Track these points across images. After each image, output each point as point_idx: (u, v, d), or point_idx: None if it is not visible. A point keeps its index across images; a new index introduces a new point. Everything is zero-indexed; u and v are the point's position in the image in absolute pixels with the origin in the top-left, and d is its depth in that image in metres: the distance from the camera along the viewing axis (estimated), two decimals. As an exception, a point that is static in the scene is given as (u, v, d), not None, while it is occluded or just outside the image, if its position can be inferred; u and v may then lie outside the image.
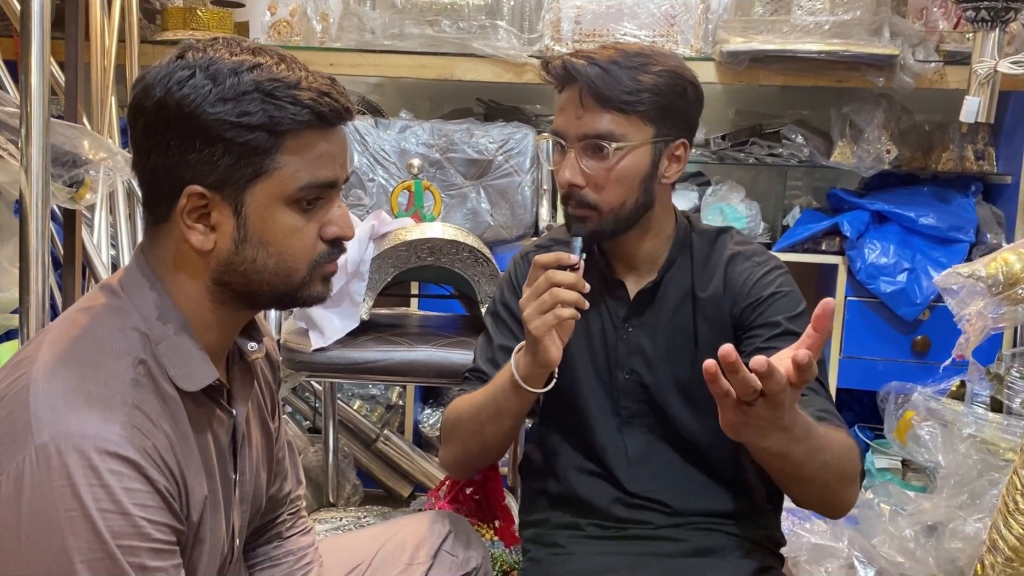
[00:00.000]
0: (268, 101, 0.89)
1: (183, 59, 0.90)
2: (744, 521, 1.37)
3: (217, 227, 0.92)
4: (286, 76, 0.90)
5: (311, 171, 0.92)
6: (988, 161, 2.62)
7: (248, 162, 0.90)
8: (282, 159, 0.91)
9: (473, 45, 2.53)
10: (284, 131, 0.90)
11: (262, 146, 0.89)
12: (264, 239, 0.93)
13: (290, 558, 1.23)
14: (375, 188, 2.31)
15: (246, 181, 0.90)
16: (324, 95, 0.91)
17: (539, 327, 1.20)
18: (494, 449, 1.39)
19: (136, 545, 0.84)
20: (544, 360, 1.22)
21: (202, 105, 0.88)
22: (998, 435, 1.92)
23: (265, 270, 0.94)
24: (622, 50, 1.27)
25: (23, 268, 1.41)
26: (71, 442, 0.83)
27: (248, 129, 0.89)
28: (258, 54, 0.91)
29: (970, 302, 1.19)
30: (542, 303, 1.20)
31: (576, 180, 1.27)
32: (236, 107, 0.88)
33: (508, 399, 1.28)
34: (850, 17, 2.44)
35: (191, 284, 0.95)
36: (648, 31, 2.54)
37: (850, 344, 2.54)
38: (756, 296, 1.31)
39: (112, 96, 2.20)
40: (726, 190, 2.66)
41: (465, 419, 1.35)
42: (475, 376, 1.41)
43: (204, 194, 0.90)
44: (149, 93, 0.90)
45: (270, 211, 0.92)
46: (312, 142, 0.92)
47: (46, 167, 1.41)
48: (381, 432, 2.55)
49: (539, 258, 1.23)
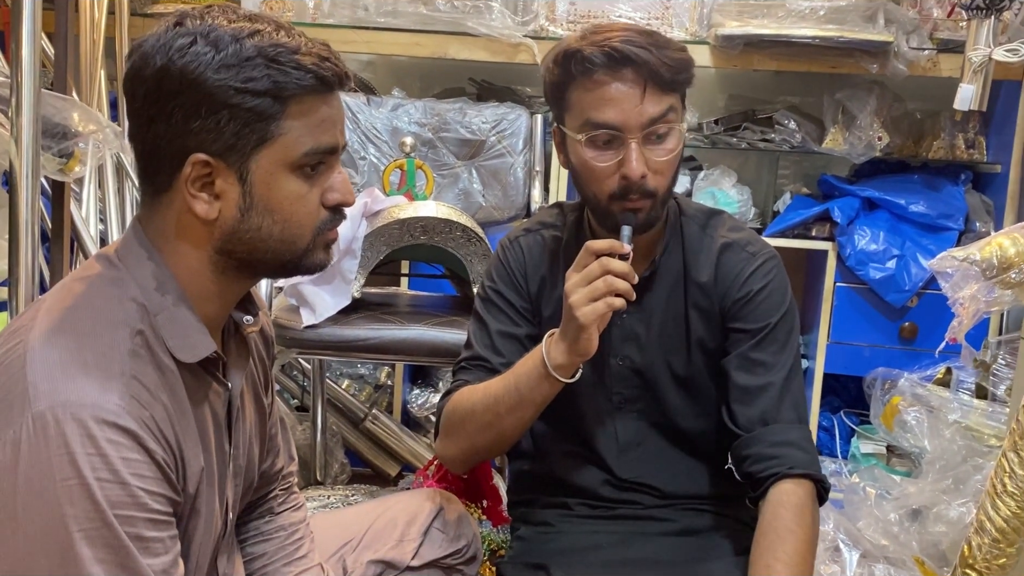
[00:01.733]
0: (272, 66, 0.88)
1: (181, 26, 0.89)
2: (733, 503, 1.37)
3: (222, 195, 0.92)
4: (287, 42, 0.90)
5: (314, 136, 0.92)
6: (978, 150, 2.64)
7: (253, 129, 0.89)
8: (287, 124, 0.90)
9: (467, 24, 2.51)
10: (289, 96, 0.90)
11: (267, 112, 0.89)
12: (270, 206, 0.93)
13: (281, 533, 1.23)
14: (367, 166, 2.30)
15: (251, 148, 0.90)
16: (324, 59, 0.91)
17: (588, 315, 1.16)
18: (508, 441, 1.34)
19: (133, 515, 0.84)
20: (584, 349, 1.19)
21: (206, 72, 0.87)
22: (983, 421, 1.95)
23: (270, 237, 0.94)
24: (642, 30, 1.23)
25: (13, 240, 1.40)
26: (69, 410, 0.82)
27: (254, 95, 0.88)
28: (255, 20, 0.91)
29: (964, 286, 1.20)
30: (594, 290, 1.16)
31: (646, 171, 1.22)
32: (240, 73, 0.88)
33: (533, 389, 1.24)
34: (845, 3, 2.44)
35: (193, 254, 0.94)
36: (643, 13, 2.54)
37: (838, 330, 2.56)
38: (747, 290, 1.31)
39: (101, 69, 2.18)
40: (718, 175, 2.67)
41: (479, 411, 1.29)
42: (476, 365, 1.36)
43: (209, 162, 0.90)
44: (148, 62, 0.89)
45: (275, 177, 0.92)
46: (315, 107, 0.92)
47: (37, 138, 1.39)
48: (369, 411, 2.55)
49: (592, 244, 1.19)
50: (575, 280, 1.19)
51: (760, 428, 1.25)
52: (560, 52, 1.25)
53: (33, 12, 1.36)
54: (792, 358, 1.29)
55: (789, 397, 1.27)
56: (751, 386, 1.27)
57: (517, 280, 1.38)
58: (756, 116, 2.68)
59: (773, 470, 1.22)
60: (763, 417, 1.26)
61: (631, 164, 1.21)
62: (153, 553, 0.85)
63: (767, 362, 1.28)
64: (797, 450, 1.24)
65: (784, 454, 1.23)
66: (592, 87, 1.21)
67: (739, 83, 2.85)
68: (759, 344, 1.28)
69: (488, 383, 1.30)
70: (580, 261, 1.20)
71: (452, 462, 1.40)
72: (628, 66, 1.20)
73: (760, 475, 1.23)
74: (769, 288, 1.31)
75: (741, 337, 1.30)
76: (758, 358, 1.28)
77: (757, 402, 1.26)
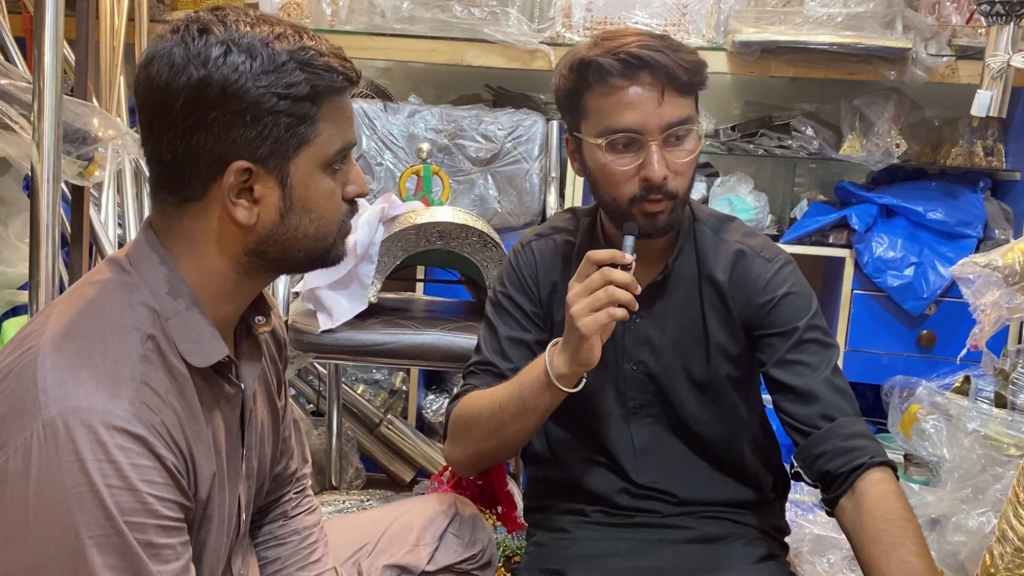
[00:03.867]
0: (306, 70, 0.90)
1: (209, 34, 0.89)
2: (750, 510, 1.37)
3: (261, 200, 0.92)
4: (311, 44, 0.92)
5: (343, 134, 0.95)
6: (997, 157, 2.62)
7: (294, 133, 0.91)
8: (321, 125, 0.93)
9: (484, 31, 2.52)
10: (323, 97, 0.92)
11: (307, 114, 0.91)
12: (307, 205, 0.94)
13: (295, 537, 1.23)
14: (383, 172, 2.31)
15: (292, 151, 0.92)
16: (343, 59, 0.94)
17: (589, 325, 1.16)
18: (512, 448, 1.35)
19: (144, 522, 0.84)
20: (586, 360, 1.19)
21: (248, 81, 0.88)
22: (1002, 430, 1.93)
23: (306, 236, 0.96)
24: (655, 35, 1.24)
25: (33, 243, 1.41)
26: (79, 417, 0.82)
27: (294, 99, 0.90)
28: (272, 23, 0.92)
29: (985, 292, 1.19)
30: (595, 300, 1.16)
31: (667, 173, 1.23)
32: (280, 79, 0.89)
33: (536, 397, 1.24)
34: (863, 10, 2.43)
35: (218, 259, 0.95)
36: (660, 19, 2.54)
37: (855, 337, 2.54)
38: (770, 296, 1.30)
39: (120, 75, 2.19)
40: (734, 181, 2.66)
41: (484, 416, 1.29)
42: (484, 370, 1.37)
43: (250, 168, 0.91)
44: (183, 73, 0.88)
45: (312, 178, 0.94)
46: (341, 105, 0.95)
47: (58, 142, 1.41)
48: (384, 416, 2.56)
49: (593, 254, 1.19)
50: (577, 290, 1.19)
51: (826, 425, 1.24)
52: (575, 60, 1.25)
53: (56, 19, 1.38)
54: (833, 354, 1.29)
55: (841, 392, 1.27)
56: (803, 387, 1.26)
57: (528, 285, 1.38)
58: (773, 123, 2.67)
59: (857, 461, 1.20)
60: (825, 414, 1.24)
61: (652, 166, 1.22)
62: (164, 560, 0.85)
63: (811, 362, 1.27)
64: (870, 440, 1.23)
65: (862, 445, 1.21)
66: (609, 92, 1.22)
67: (756, 89, 2.84)
68: (798, 346, 1.28)
69: (494, 389, 1.30)
70: (582, 271, 1.20)
71: (459, 466, 1.40)
72: (645, 70, 1.21)
73: (841, 470, 1.20)
74: (792, 290, 1.31)
75: (775, 342, 1.29)
76: (802, 359, 1.27)
77: (814, 401, 1.25)
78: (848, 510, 1.20)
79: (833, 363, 1.28)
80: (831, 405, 1.25)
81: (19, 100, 1.54)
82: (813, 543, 1.94)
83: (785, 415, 1.28)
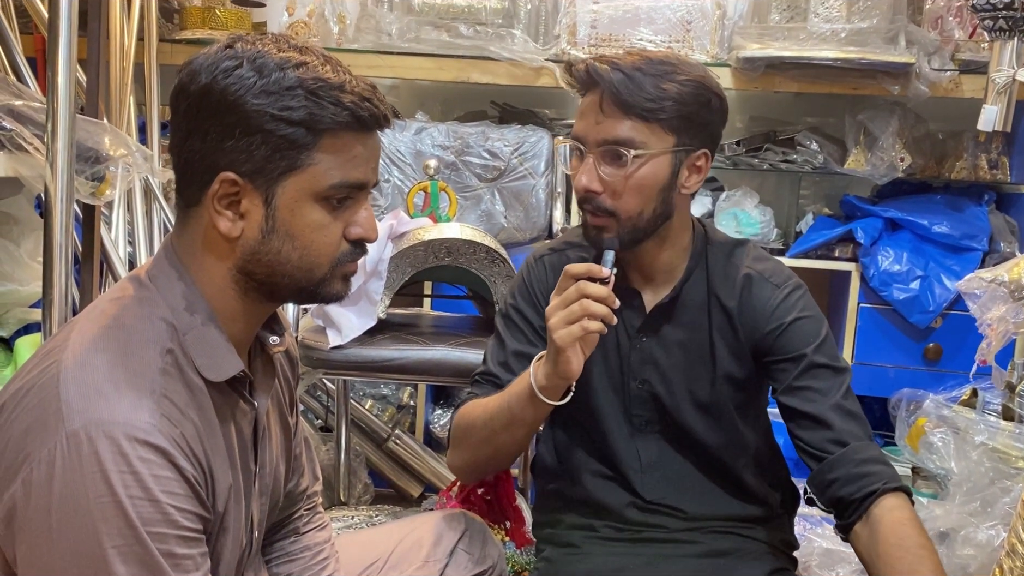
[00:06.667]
0: (311, 99, 0.90)
1: (231, 49, 0.92)
2: (758, 525, 1.37)
3: (246, 215, 0.94)
4: (331, 77, 0.92)
5: (344, 171, 0.94)
6: (1002, 170, 2.63)
7: (284, 155, 0.91)
8: (317, 156, 0.92)
9: (489, 48, 2.54)
10: (323, 130, 0.92)
11: (299, 141, 0.91)
12: (291, 231, 0.94)
13: (307, 553, 1.24)
14: (391, 189, 2.32)
15: (279, 173, 0.92)
16: (365, 100, 0.93)
17: (564, 338, 1.18)
18: (506, 457, 1.38)
19: (165, 532, 0.85)
20: (565, 372, 1.20)
21: (245, 96, 0.89)
22: (1010, 443, 1.92)
23: (288, 262, 0.95)
24: (647, 57, 1.25)
25: (47, 262, 1.42)
26: (102, 429, 0.84)
27: (288, 123, 0.90)
28: (305, 53, 0.93)
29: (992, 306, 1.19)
30: (570, 313, 1.18)
31: (593, 186, 1.25)
32: (279, 101, 0.90)
33: (523, 408, 1.26)
34: (866, 25, 2.44)
35: (217, 270, 0.96)
36: (664, 36, 2.55)
37: (862, 351, 2.55)
38: (778, 322, 1.30)
39: (131, 94, 2.21)
40: (740, 196, 2.67)
41: (477, 425, 1.33)
42: (486, 380, 1.39)
43: (237, 181, 0.92)
44: (195, 78, 0.91)
45: (299, 204, 0.94)
46: (348, 143, 0.94)
47: (71, 162, 1.42)
48: (392, 432, 2.56)
49: (570, 268, 1.21)
50: (554, 304, 1.21)
51: (838, 450, 1.24)
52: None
53: (69, 40, 1.40)
54: (844, 378, 1.29)
55: (852, 417, 1.27)
56: (814, 413, 1.26)
57: (537, 299, 1.39)
58: (778, 137, 2.68)
59: (871, 487, 1.20)
60: (837, 439, 1.24)
61: (579, 175, 1.26)
62: (184, 570, 0.87)
63: (821, 388, 1.27)
64: (884, 466, 1.23)
65: (875, 471, 1.21)
66: (580, 101, 1.29)
67: (760, 105, 2.86)
68: (807, 371, 1.28)
69: (488, 399, 1.33)
70: (560, 284, 1.22)
71: (459, 472, 1.43)
72: (593, 84, 1.25)
73: (855, 496, 1.21)
74: (800, 316, 1.30)
75: (786, 367, 1.29)
76: (811, 385, 1.27)
77: (825, 427, 1.25)
78: (863, 537, 1.20)
79: (844, 387, 1.28)
80: (842, 430, 1.24)
81: (32, 120, 1.56)
82: (822, 557, 1.93)
83: (797, 440, 1.28)
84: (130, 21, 2.21)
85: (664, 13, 2.55)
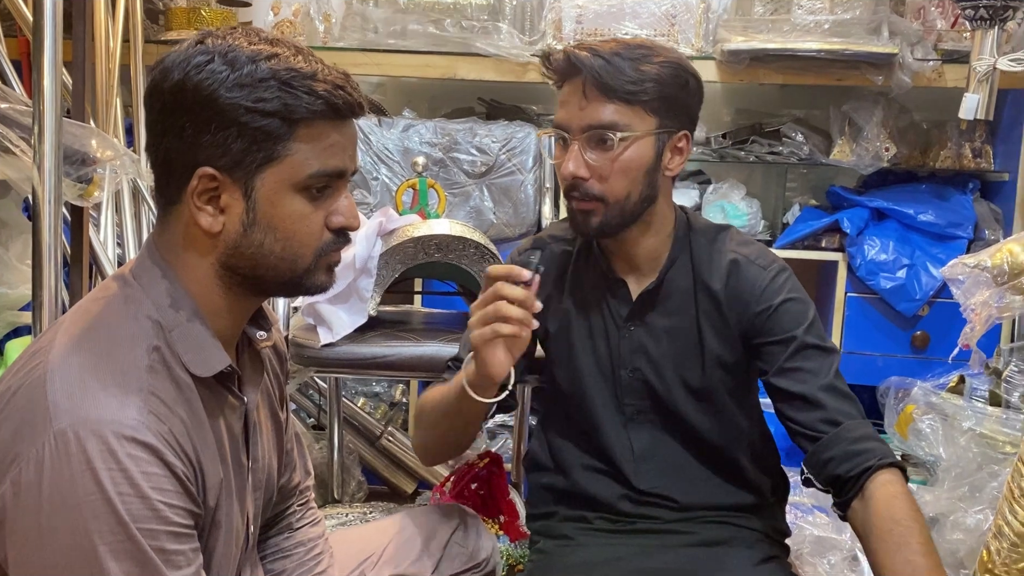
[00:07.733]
0: (284, 89, 0.91)
1: (202, 44, 0.92)
2: (750, 514, 1.38)
3: (226, 209, 0.94)
4: (303, 67, 0.92)
5: (321, 160, 0.94)
6: (985, 159, 2.65)
7: (260, 147, 0.91)
8: (294, 146, 0.92)
9: (476, 44, 2.54)
10: (298, 119, 0.92)
11: (275, 132, 0.91)
12: (272, 223, 0.94)
13: (300, 549, 1.25)
14: (379, 187, 2.33)
15: (257, 165, 0.92)
16: (339, 88, 0.93)
17: (476, 339, 1.20)
18: (452, 445, 1.39)
19: (155, 528, 0.86)
20: (485, 372, 1.21)
21: (219, 90, 0.89)
22: (997, 428, 1.95)
23: (271, 255, 0.95)
24: (623, 42, 1.27)
25: (36, 264, 1.42)
26: (89, 427, 0.84)
27: (263, 115, 0.90)
28: (276, 44, 0.93)
29: (975, 292, 1.21)
30: (485, 314, 1.19)
31: (580, 172, 1.26)
32: (252, 93, 0.90)
33: (460, 401, 1.27)
34: (849, 16, 2.46)
35: (200, 266, 0.96)
36: (649, 30, 2.56)
37: (850, 340, 2.57)
38: (767, 303, 1.31)
39: (117, 97, 2.21)
40: (727, 188, 2.68)
41: (428, 409, 1.36)
42: (456, 366, 1.40)
43: (215, 176, 0.92)
44: (167, 76, 0.91)
45: (279, 196, 0.94)
46: (324, 132, 0.94)
47: (58, 164, 1.42)
48: (385, 429, 2.57)
49: (492, 269, 1.22)
50: (475, 303, 1.22)
51: (832, 430, 1.25)
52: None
53: (54, 43, 1.39)
54: (834, 359, 1.30)
55: (844, 396, 1.28)
56: (806, 394, 1.27)
57: None
58: (763, 129, 2.69)
59: (865, 464, 1.21)
60: (829, 419, 1.26)
61: (566, 162, 1.27)
62: (176, 566, 0.87)
63: (812, 368, 1.28)
64: (877, 442, 1.24)
65: (869, 448, 1.23)
66: (559, 90, 1.30)
67: (746, 97, 2.87)
68: (798, 353, 1.29)
69: (443, 387, 1.34)
70: (484, 284, 1.23)
71: (417, 452, 1.46)
72: (574, 71, 1.26)
73: (851, 473, 1.22)
74: (788, 297, 1.32)
75: (774, 350, 1.30)
76: (802, 366, 1.28)
77: (817, 407, 1.26)
78: (859, 512, 1.22)
79: (834, 368, 1.29)
80: (835, 410, 1.26)
81: (18, 123, 1.56)
82: (813, 544, 1.95)
83: (790, 422, 1.29)
84: (115, 23, 2.20)
85: (649, 7, 2.56)
